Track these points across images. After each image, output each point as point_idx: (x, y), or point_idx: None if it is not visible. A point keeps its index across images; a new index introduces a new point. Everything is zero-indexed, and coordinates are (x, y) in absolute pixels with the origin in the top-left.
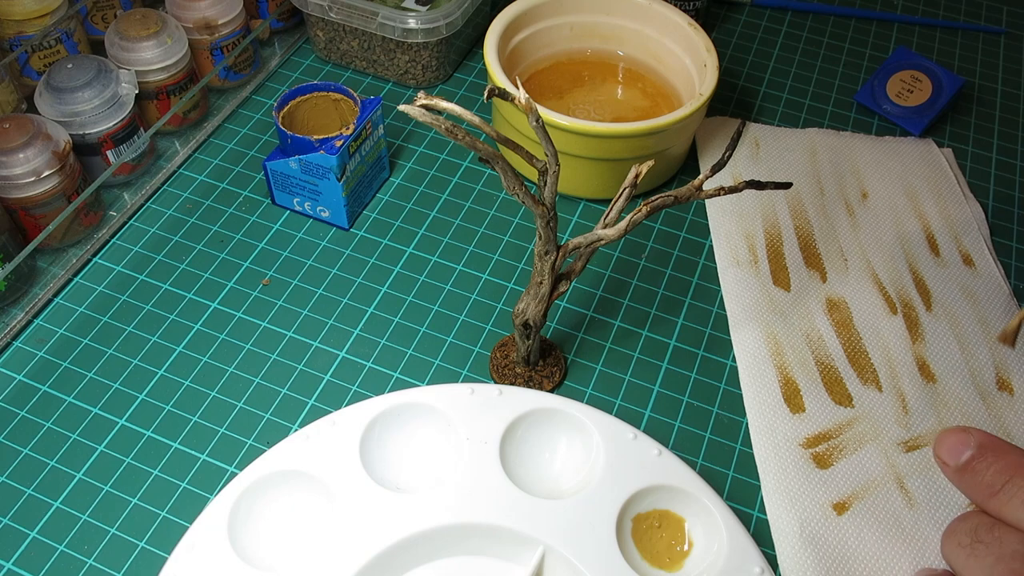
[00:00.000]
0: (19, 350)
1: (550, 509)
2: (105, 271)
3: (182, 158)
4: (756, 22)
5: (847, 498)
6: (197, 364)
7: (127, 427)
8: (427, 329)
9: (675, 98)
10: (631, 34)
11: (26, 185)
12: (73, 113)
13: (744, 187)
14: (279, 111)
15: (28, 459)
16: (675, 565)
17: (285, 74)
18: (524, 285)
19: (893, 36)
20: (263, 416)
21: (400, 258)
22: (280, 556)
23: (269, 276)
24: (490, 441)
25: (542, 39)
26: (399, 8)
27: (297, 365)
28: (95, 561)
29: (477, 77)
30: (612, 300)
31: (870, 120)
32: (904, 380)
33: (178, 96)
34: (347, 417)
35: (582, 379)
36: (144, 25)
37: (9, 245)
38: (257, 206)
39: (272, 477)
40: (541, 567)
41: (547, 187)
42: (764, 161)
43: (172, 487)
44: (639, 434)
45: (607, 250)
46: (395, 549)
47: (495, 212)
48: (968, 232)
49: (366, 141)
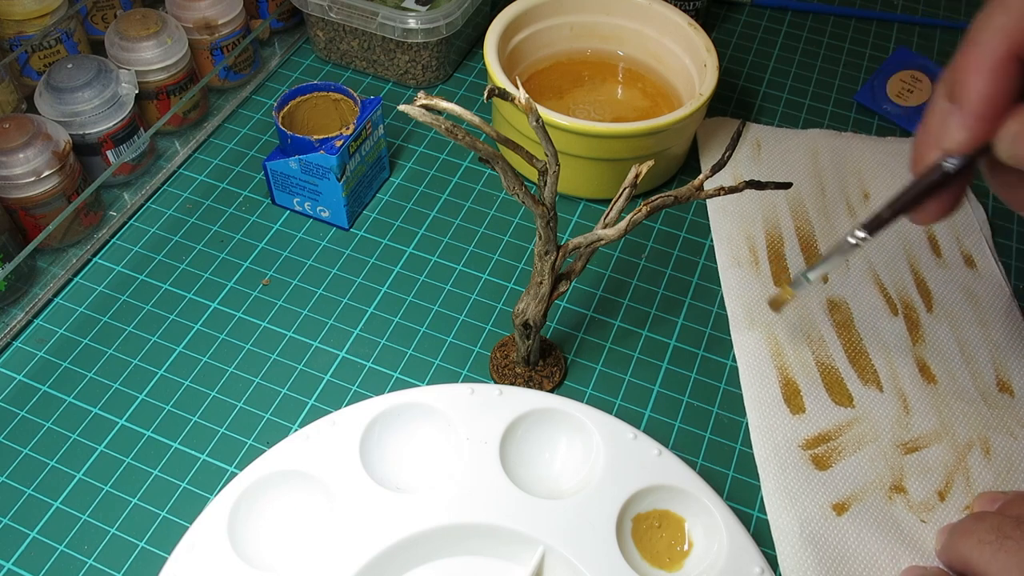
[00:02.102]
0: (19, 350)
1: (550, 509)
2: (105, 271)
3: (182, 158)
4: (756, 22)
5: (847, 499)
6: (197, 364)
7: (127, 427)
8: (427, 329)
9: (675, 98)
10: (631, 34)
11: (26, 185)
12: (73, 113)
13: (744, 187)
14: (279, 111)
15: (28, 459)
16: (675, 565)
17: (285, 74)
18: (524, 285)
19: (893, 36)
20: (263, 416)
21: (400, 258)
22: (280, 556)
23: (269, 276)
24: (490, 441)
25: (542, 39)
26: (399, 8)
27: (297, 365)
28: (95, 561)
29: (477, 77)
30: (612, 300)
31: (870, 120)
32: (905, 381)
33: (178, 96)
34: (347, 417)
35: (582, 379)
36: (144, 25)
37: (9, 245)
38: (257, 206)
39: (272, 477)
40: (541, 567)
41: (547, 187)
42: (765, 162)
43: (172, 487)
44: (639, 434)
45: (607, 250)
46: (395, 549)
47: (495, 212)
48: (970, 233)
49: (366, 141)
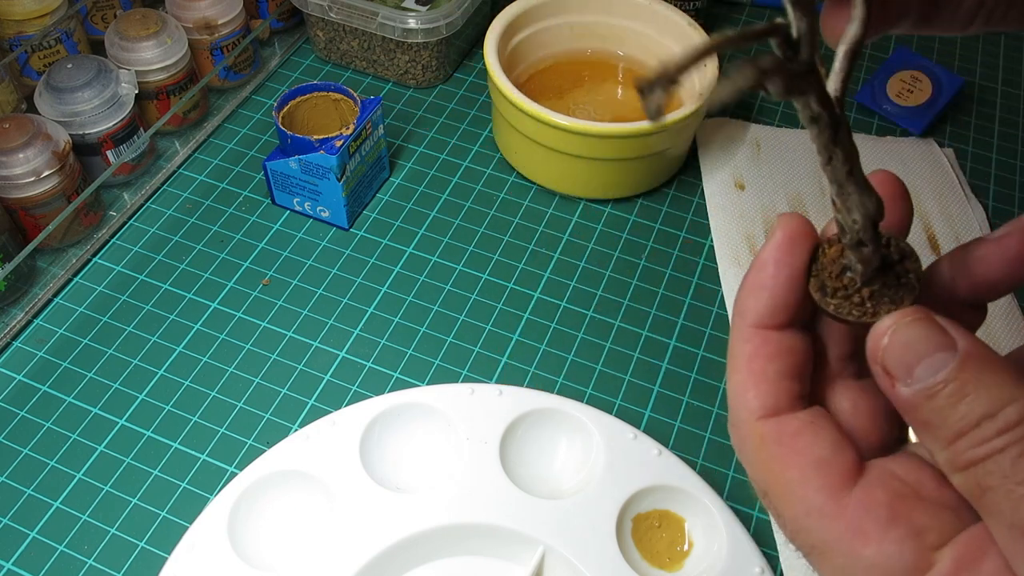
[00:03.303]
0: (19, 350)
1: (550, 509)
2: (105, 271)
3: (182, 158)
4: (756, 22)
5: None
6: (197, 364)
7: (127, 427)
8: (427, 329)
9: (675, 98)
10: (631, 34)
11: (26, 185)
12: (73, 113)
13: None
14: (279, 111)
15: (28, 459)
16: (675, 565)
17: (285, 74)
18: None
19: (893, 36)
20: (263, 416)
21: (400, 258)
22: (280, 556)
23: (269, 276)
24: (490, 441)
25: (542, 39)
26: (399, 8)
27: (297, 365)
28: (95, 561)
29: (477, 77)
30: (612, 300)
31: (870, 120)
32: None
33: (178, 96)
34: (347, 417)
35: (582, 379)
36: (144, 25)
37: (9, 245)
38: (257, 206)
39: (272, 477)
40: (541, 567)
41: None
42: (765, 162)
43: (172, 487)
44: (639, 434)
45: (607, 250)
46: (395, 549)
47: (495, 212)
48: (969, 232)
49: (366, 141)
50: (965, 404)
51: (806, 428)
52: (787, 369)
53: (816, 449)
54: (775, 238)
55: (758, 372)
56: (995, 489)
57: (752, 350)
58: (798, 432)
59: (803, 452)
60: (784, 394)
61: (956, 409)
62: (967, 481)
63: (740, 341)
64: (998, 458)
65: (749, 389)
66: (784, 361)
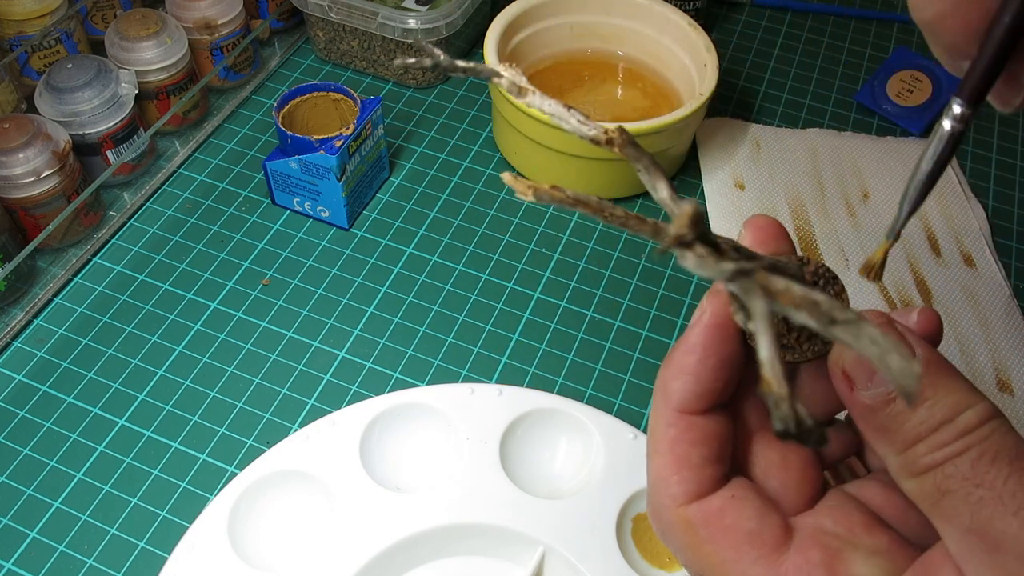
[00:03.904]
0: (19, 350)
1: (550, 509)
2: (105, 271)
3: (182, 158)
4: (756, 22)
5: None
6: (197, 364)
7: (127, 427)
8: (427, 329)
9: (675, 98)
10: (631, 34)
11: (26, 185)
12: (73, 113)
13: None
14: (279, 111)
15: (28, 459)
16: (675, 565)
17: (285, 74)
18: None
19: (893, 36)
20: (263, 416)
21: (400, 258)
22: (280, 556)
23: (269, 276)
24: (490, 441)
25: (542, 39)
26: (399, 8)
27: (297, 365)
28: (95, 561)
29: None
30: (612, 300)
31: (870, 120)
32: None
33: (178, 96)
34: (347, 417)
35: (582, 379)
36: (144, 25)
37: (9, 245)
38: (257, 206)
39: (272, 477)
40: (541, 567)
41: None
42: (765, 162)
43: (172, 487)
44: (639, 434)
45: (607, 250)
46: (395, 549)
47: (495, 212)
48: (969, 232)
49: (366, 141)
50: (924, 409)
51: (729, 504)
52: (711, 453)
53: (743, 523)
54: (704, 319)
55: (682, 457)
56: (954, 492)
57: (676, 435)
58: (722, 510)
59: (731, 529)
60: (707, 479)
61: (915, 414)
62: (921, 486)
63: (663, 424)
64: (957, 461)
65: (672, 474)
66: (708, 447)
